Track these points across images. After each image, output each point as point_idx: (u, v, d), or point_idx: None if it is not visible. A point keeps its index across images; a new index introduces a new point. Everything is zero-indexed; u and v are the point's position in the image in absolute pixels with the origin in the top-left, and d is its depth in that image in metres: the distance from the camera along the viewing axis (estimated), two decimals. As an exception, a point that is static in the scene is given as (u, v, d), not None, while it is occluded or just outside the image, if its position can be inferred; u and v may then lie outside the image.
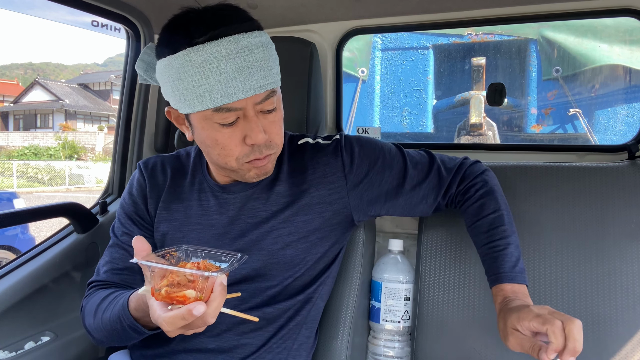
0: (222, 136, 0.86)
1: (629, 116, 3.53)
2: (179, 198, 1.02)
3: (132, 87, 1.48)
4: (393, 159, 1.04)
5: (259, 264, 0.96)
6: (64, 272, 1.27)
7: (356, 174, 1.00)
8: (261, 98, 0.84)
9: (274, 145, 0.90)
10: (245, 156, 0.88)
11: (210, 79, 0.80)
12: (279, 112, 0.90)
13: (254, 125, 0.85)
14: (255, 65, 0.82)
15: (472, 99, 3.57)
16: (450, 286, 1.25)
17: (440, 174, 1.05)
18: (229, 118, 0.84)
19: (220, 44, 0.80)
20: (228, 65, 0.80)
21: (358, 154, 1.01)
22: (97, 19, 1.42)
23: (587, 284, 1.16)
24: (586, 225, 1.20)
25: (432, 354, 1.22)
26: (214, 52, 0.79)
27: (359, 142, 1.04)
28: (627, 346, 1.11)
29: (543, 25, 3.66)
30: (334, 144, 1.02)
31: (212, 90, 0.80)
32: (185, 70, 0.81)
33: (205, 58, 0.80)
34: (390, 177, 1.03)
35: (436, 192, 1.05)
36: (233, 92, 0.81)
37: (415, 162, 1.06)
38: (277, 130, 0.90)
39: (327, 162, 1.00)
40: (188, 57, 0.80)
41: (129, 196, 1.05)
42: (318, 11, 1.46)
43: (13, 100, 29.36)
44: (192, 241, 0.97)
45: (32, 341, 1.16)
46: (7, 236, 4.44)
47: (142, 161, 1.08)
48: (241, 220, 0.98)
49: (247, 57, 0.81)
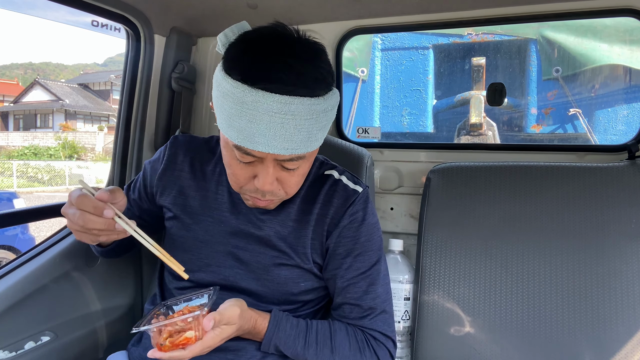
0: (236, 165, 0.86)
1: (629, 116, 3.53)
2: (197, 185, 1.03)
3: (132, 87, 1.48)
4: (370, 263, 1.00)
5: (254, 278, 0.98)
6: (64, 272, 1.27)
7: (339, 236, 0.97)
8: (283, 158, 0.82)
9: (281, 194, 0.90)
10: (249, 191, 0.89)
11: (243, 120, 0.77)
12: (301, 169, 0.88)
13: (266, 174, 0.84)
14: (292, 130, 0.78)
15: (472, 99, 3.57)
16: (450, 286, 1.25)
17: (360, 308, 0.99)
18: (247, 158, 0.83)
19: (265, 98, 0.75)
20: (264, 119, 0.76)
21: (356, 228, 0.98)
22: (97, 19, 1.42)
23: (587, 283, 1.16)
24: (586, 225, 1.20)
25: (432, 354, 1.22)
26: (257, 101, 0.76)
27: (365, 221, 0.99)
28: (627, 346, 1.11)
29: (543, 25, 3.66)
30: (351, 194, 0.99)
31: (242, 130, 0.78)
32: (227, 97, 0.78)
33: (248, 101, 0.76)
34: (346, 264, 0.98)
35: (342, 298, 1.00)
36: (257, 143, 0.78)
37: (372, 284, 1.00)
38: (292, 185, 0.89)
39: (334, 203, 0.98)
40: (235, 90, 0.77)
41: (149, 164, 1.10)
42: (318, 11, 1.46)
43: (13, 100, 29.35)
44: (200, 231, 0.99)
45: (32, 341, 1.16)
46: (7, 236, 4.44)
47: (174, 136, 1.09)
48: (248, 230, 0.98)
49: (287, 120, 0.77)
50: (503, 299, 1.21)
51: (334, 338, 0.95)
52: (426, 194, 1.35)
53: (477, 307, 1.21)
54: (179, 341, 0.79)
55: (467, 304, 1.22)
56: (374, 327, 0.99)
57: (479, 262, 1.25)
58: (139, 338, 1.07)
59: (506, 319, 1.20)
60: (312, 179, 1.02)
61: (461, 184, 1.32)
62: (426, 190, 1.36)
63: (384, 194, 1.61)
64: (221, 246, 0.98)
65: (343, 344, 0.95)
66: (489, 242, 1.25)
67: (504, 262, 1.23)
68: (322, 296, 1.05)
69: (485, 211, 1.28)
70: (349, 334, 0.97)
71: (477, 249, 1.26)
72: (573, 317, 1.15)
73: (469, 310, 1.22)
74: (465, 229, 1.28)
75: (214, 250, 0.99)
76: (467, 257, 1.25)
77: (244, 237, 0.98)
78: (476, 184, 1.31)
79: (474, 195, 1.30)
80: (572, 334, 1.15)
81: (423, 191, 1.38)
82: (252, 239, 0.98)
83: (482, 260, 1.24)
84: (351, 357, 0.95)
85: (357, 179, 1.03)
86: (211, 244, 0.99)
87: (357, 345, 0.96)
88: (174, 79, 1.52)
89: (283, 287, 0.97)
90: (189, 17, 1.45)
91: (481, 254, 1.25)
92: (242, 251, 0.98)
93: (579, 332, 1.14)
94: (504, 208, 1.27)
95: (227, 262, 0.98)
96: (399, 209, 1.59)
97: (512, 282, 1.21)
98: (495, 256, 1.24)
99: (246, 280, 0.97)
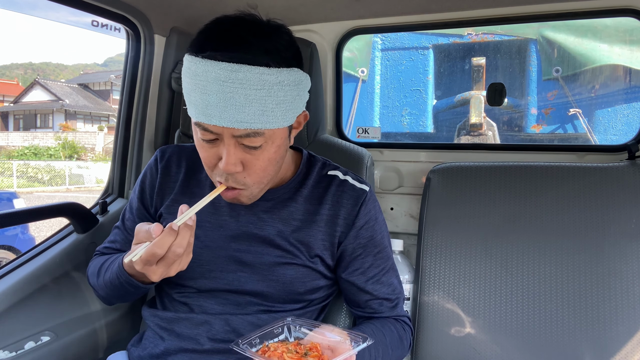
0: (202, 147, 0.87)
1: (629, 116, 3.53)
2: (192, 192, 1.02)
3: (132, 87, 1.48)
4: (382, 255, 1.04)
5: (259, 279, 0.97)
6: (64, 272, 1.27)
7: (357, 236, 0.99)
8: (240, 133, 0.81)
9: (245, 182, 0.87)
10: (217, 175, 0.88)
11: (196, 93, 0.80)
12: (265, 152, 0.85)
13: (227, 153, 0.83)
14: (242, 101, 0.78)
15: (472, 99, 3.57)
16: (450, 286, 1.25)
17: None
18: (207, 136, 0.84)
19: (213, 66, 0.78)
20: (213, 89, 0.78)
21: (372, 227, 1.01)
22: (97, 19, 1.42)
23: (587, 283, 1.16)
24: (586, 225, 1.20)
25: (432, 354, 1.23)
26: (206, 71, 0.78)
27: (378, 219, 1.03)
28: (627, 346, 1.11)
29: (543, 25, 3.66)
30: (360, 193, 1.00)
31: (196, 104, 0.81)
32: (186, 72, 0.83)
33: (199, 72, 0.79)
34: (367, 263, 1.02)
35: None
36: (211, 116, 0.80)
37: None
38: (257, 170, 0.86)
39: (344, 203, 0.99)
40: (190, 63, 0.81)
41: (140, 183, 1.08)
42: (318, 11, 1.46)
43: (13, 100, 29.35)
44: (199, 237, 0.97)
45: (32, 341, 1.16)
46: (7, 236, 4.44)
47: (161, 149, 1.09)
48: (250, 232, 0.97)
49: (236, 89, 0.77)
50: (503, 299, 1.21)
51: (387, 336, 0.99)
52: (426, 194, 1.35)
53: (477, 307, 1.22)
54: None
55: (467, 304, 1.22)
56: (400, 314, 1.06)
57: (479, 262, 1.25)
58: (139, 338, 1.07)
59: (506, 319, 1.20)
60: (316, 179, 1.02)
61: (461, 184, 1.32)
62: (426, 190, 1.36)
63: (384, 194, 1.61)
64: (222, 251, 0.97)
65: (394, 339, 1.00)
66: (489, 242, 1.25)
67: (504, 262, 1.23)
68: (327, 294, 1.05)
69: (485, 211, 1.28)
70: (393, 329, 1.02)
71: (477, 249, 1.26)
72: (573, 317, 1.15)
73: (469, 311, 1.22)
74: (465, 229, 1.28)
75: (215, 256, 0.97)
76: (467, 257, 1.25)
77: (245, 239, 0.98)
78: (476, 184, 1.31)
79: (474, 195, 1.30)
80: (572, 334, 1.15)
81: (423, 191, 1.38)
82: (255, 240, 0.97)
83: (482, 260, 1.24)
84: (400, 347, 1.02)
85: (361, 179, 1.04)
86: (212, 249, 0.98)
87: (398, 335, 1.02)
88: (174, 79, 1.52)
89: (289, 287, 0.97)
90: (189, 17, 1.45)
91: (481, 254, 1.25)
92: (244, 253, 0.97)
93: (579, 332, 1.14)
94: (504, 208, 1.27)
95: (230, 266, 0.97)
96: (399, 209, 1.59)
97: (512, 282, 1.21)
98: (495, 256, 1.24)
99: (251, 283, 0.97)
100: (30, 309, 1.18)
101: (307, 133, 1.34)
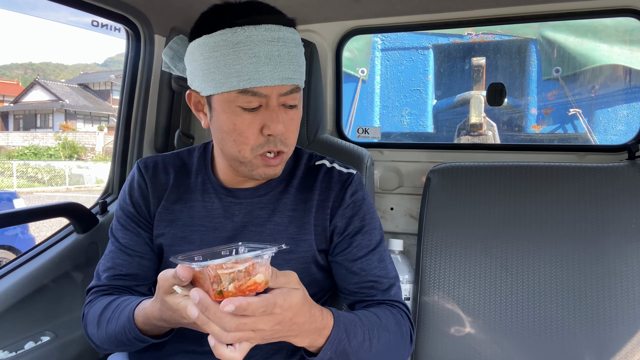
0: (242, 122, 0.86)
1: (629, 116, 3.53)
2: (182, 198, 1.00)
3: (132, 87, 1.48)
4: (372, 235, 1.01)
5: None
6: (64, 272, 1.27)
7: (343, 215, 0.99)
8: (286, 90, 0.85)
9: (287, 144, 0.90)
10: (260, 147, 0.88)
11: (243, 60, 0.82)
12: (298, 111, 0.91)
13: (275, 115, 0.85)
14: (288, 58, 0.84)
15: (472, 99, 3.57)
16: (450, 286, 1.25)
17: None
18: (253, 102, 0.85)
19: (258, 29, 0.82)
20: (262, 51, 0.82)
21: (359, 206, 1.00)
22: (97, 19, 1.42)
23: (587, 283, 1.16)
24: (586, 225, 1.20)
25: (432, 354, 1.22)
26: (251, 35, 0.82)
27: (365, 200, 1.02)
28: (627, 346, 1.11)
29: (543, 25, 3.66)
30: (347, 177, 1.02)
31: (242, 71, 0.82)
32: (219, 48, 0.84)
33: (241, 39, 0.82)
34: (356, 242, 0.99)
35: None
36: (262, 77, 0.82)
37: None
38: (294, 129, 0.91)
39: (333, 187, 1.00)
40: (224, 37, 0.83)
41: (129, 198, 1.02)
42: (318, 11, 1.46)
43: (13, 100, 29.35)
44: (195, 242, 0.96)
45: (32, 341, 1.16)
46: (7, 236, 4.44)
47: (140, 161, 1.06)
48: (247, 229, 0.97)
49: (281, 48, 0.83)
50: (503, 299, 1.21)
51: (382, 319, 0.92)
52: (426, 194, 1.35)
53: (477, 307, 1.22)
54: (246, 286, 0.63)
55: (467, 304, 1.22)
56: (396, 299, 1.00)
57: (479, 262, 1.25)
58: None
59: (506, 319, 1.20)
60: (305, 170, 1.03)
61: (461, 184, 1.33)
62: (426, 190, 1.36)
63: (384, 194, 1.61)
64: None
65: (390, 322, 0.93)
66: (489, 242, 1.25)
67: (504, 262, 1.23)
68: (324, 290, 1.05)
69: (485, 211, 1.28)
70: (388, 313, 0.95)
71: (477, 249, 1.26)
72: (573, 317, 1.15)
73: (469, 311, 1.22)
74: (465, 229, 1.28)
75: None
76: (467, 257, 1.25)
77: (243, 239, 0.97)
78: (476, 184, 1.31)
79: (474, 195, 1.30)
80: (572, 334, 1.15)
81: (423, 191, 1.38)
82: (253, 238, 0.97)
83: (482, 260, 1.24)
84: (399, 332, 0.94)
85: (348, 166, 1.06)
86: None
87: (395, 320, 0.95)
88: (174, 79, 1.52)
89: None
90: (189, 17, 1.44)
91: (481, 254, 1.25)
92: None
93: (579, 332, 1.14)
94: (504, 208, 1.27)
95: None
96: (399, 209, 1.59)
97: (512, 282, 1.21)
98: (495, 256, 1.24)
99: None
100: (30, 309, 1.18)
101: (307, 133, 1.34)
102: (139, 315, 0.83)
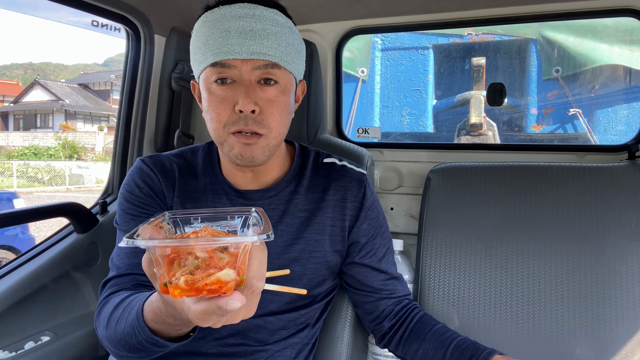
0: (215, 98, 0.86)
1: (629, 116, 3.54)
2: (191, 197, 0.97)
3: (132, 87, 1.48)
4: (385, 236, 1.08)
5: None
6: (64, 272, 1.27)
7: (366, 217, 1.02)
8: (258, 64, 0.84)
9: (265, 125, 0.85)
10: (232, 124, 0.85)
11: (215, 35, 0.84)
12: (282, 96, 0.87)
13: (245, 90, 0.84)
14: (262, 33, 0.84)
15: (472, 99, 3.57)
16: (450, 286, 1.25)
17: None
18: (224, 73, 0.85)
19: (231, 7, 0.85)
20: (233, 26, 0.83)
21: (376, 208, 1.05)
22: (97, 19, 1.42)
23: (587, 284, 1.16)
24: (586, 225, 1.20)
25: (432, 354, 1.22)
26: (224, 13, 0.84)
27: (377, 200, 1.07)
28: (627, 346, 1.11)
29: (543, 25, 3.66)
30: (361, 176, 1.03)
31: (214, 45, 0.84)
32: (199, 30, 0.87)
33: (215, 17, 0.85)
34: (377, 243, 1.05)
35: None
36: (230, 50, 0.83)
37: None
38: (274, 112, 0.86)
39: (348, 187, 1.00)
40: (204, 19, 0.87)
41: (138, 190, 0.96)
42: (318, 11, 1.46)
43: (13, 100, 29.34)
44: None
45: (32, 341, 1.16)
46: (7, 236, 4.44)
47: (143, 157, 1.01)
48: None
49: (254, 23, 0.84)
50: (503, 299, 1.21)
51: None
52: (426, 194, 1.35)
53: (477, 307, 1.22)
54: (203, 284, 0.45)
55: (467, 304, 1.22)
56: (409, 294, 1.11)
57: (479, 262, 1.25)
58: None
59: (506, 319, 1.20)
60: (313, 168, 1.02)
61: (461, 184, 1.32)
62: (426, 190, 1.36)
63: (384, 194, 1.61)
64: None
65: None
66: (489, 242, 1.25)
67: (504, 262, 1.23)
68: (329, 290, 1.05)
69: (485, 211, 1.28)
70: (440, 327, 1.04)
71: (477, 249, 1.26)
72: (573, 317, 1.15)
73: (469, 310, 1.22)
74: (465, 229, 1.28)
75: None
76: (467, 257, 1.25)
77: None
78: (476, 184, 1.31)
79: (474, 195, 1.30)
80: (572, 334, 1.15)
81: (423, 191, 1.38)
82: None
83: (482, 260, 1.24)
84: None
85: (356, 164, 1.08)
86: None
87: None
88: (174, 79, 1.52)
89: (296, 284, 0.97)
90: (189, 17, 1.45)
91: (481, 254, 1.25)
92: None
93: (579, 332, 1.14)
94: (504, 208, 1.27)
95: None
96: (399, 209, 1.59)
97: (512, 282, 1.21)
98: (495, 256, 1.24)
99: None
100: (30, 309, 1.18)
101: (307, 133, 1.34)
102: (148, 312, 0.69)
